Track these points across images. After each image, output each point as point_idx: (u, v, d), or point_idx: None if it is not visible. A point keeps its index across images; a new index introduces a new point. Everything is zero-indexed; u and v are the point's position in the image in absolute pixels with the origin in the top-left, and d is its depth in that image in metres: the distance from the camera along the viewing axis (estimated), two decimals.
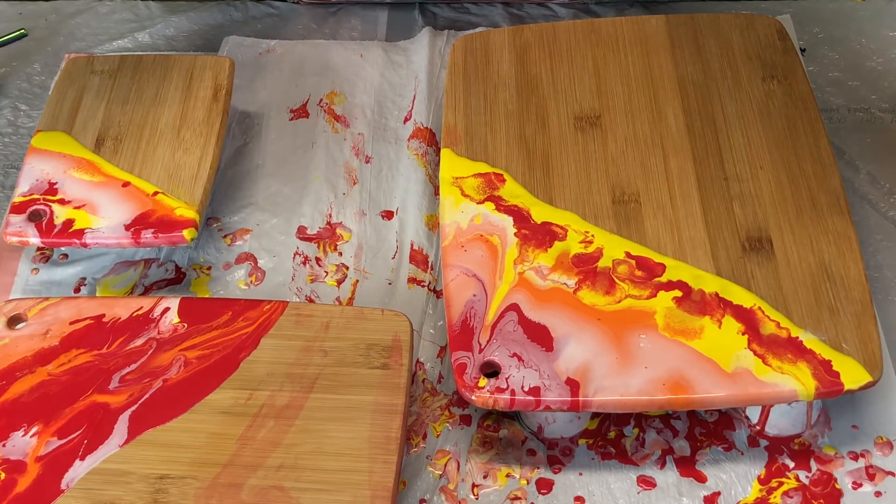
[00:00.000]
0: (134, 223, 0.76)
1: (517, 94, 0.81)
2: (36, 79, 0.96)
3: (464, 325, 0.67)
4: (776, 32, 0.83)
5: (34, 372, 0.67)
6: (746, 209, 0.72)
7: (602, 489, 0.66)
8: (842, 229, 0.70)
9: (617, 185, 0.75)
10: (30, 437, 0.64)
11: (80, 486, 0.62)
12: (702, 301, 0.67)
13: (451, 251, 0.72)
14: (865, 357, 0.64)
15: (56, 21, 1.01)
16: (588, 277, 0.69)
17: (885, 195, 0.82)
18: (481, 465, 0.68)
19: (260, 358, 0.67)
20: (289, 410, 0.65)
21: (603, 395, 0.63)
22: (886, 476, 0.66)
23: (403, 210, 0.83)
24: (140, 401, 0.66)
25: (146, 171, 0.79)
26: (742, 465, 0.67)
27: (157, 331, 0.69)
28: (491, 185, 0.75)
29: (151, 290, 0.79)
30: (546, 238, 0.71)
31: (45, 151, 0.81)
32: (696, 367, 0.64)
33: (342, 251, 0.80)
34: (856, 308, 0.66)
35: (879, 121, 0.87)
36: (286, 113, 0.91)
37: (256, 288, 0.79)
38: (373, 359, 0.67)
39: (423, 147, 0.87)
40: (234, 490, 0.61)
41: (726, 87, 0.80)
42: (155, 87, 0.86)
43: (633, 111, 0.79)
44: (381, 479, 0.61)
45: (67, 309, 0.71)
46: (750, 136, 0.76)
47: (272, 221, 0.83)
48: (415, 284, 0.78)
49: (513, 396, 0.64)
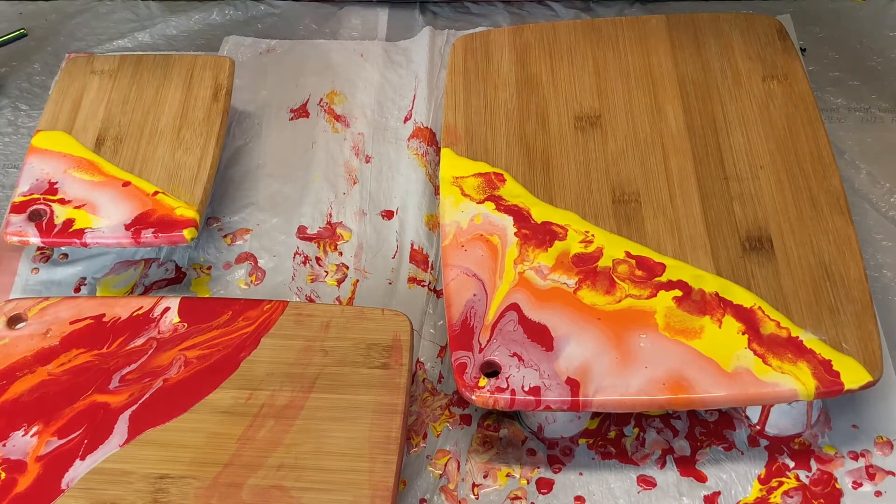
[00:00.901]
0: (134, 223, 0.76)
1: (517, 94, 0.81)
2: (36, 79, 0.96)
3: (464, 324, 0.67)
4: (776, 32, 0.83)
5: (34, 372, 0.67)
6: (746, 209, 0.72)
7: (602, 489, 0.66)
8: (842, 229, 0.70)
9: (617, 184, 0.75)
10: (30, 437, 0.64)
11: (81, 486, 0.62)
12: (702, 301, 0.67)
13: (451, 251, 0.72)
14: (865, 357, 0.64)
15: (56, 21, 1.01)
16: (588, 277, 0.69)
17: (885, 195, 0.82)
18: (481, 465, 0.68)
19: (260, 358, 0.67)
20: (289, 410, 0.65)
21: (603, 395, 0.63)
22: (886, 476, 0.66)
23: (403, 210, 0.83)
24: (140, 400, 0.66)
25: (146, 171, 0.79)
26: (742, 464, 0.67)
27: (158, 330, 0.69)
28: (491, 184, 0.75)
29: (151, 289, 0.79)
30: (546, 238, 0.71)
31: (45, 151, 0.81)
32: (696, 367, 0.64)
33: (342, 251, 0.80)
34: (856, 308, 0.66)
35: (879, 121, 0.87)
36: (286, 113, 0.91)
37: (256, 288, 0.79)
38: (373, 358, 0.67)
39: (423, 147, 0.87)
40: (235, 490, 0.61)
41: (726, 86, 0.80)
42: (155, 87, 0.86)
43: (633, 111, 0.79)
44: (381, 478, 0.61)
45: (67, 309, 0.71)
46: (750, 136, 0.76)
47: (272, 221, 0.83)
48: (415, 284, 0.78)
49: (513, 396, 0.64)
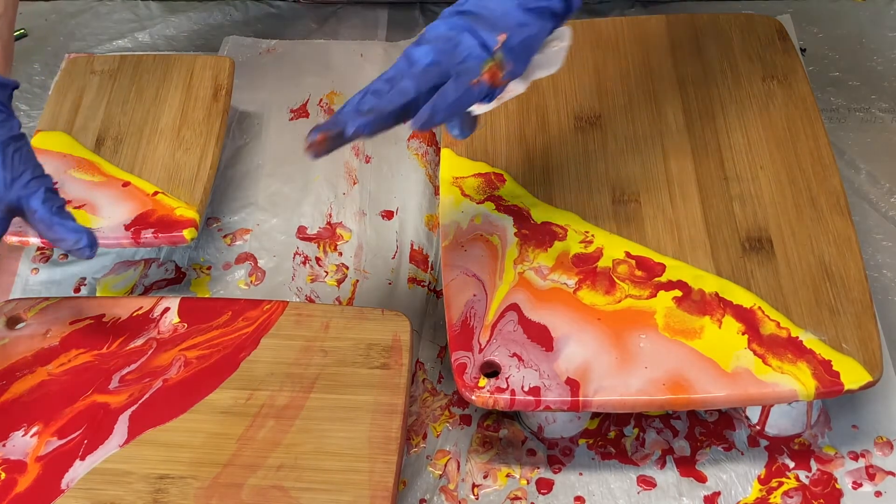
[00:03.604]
0: (134, 223, 0.76)
1: None
2: (36, 79, 0.96)
3: (464, 325, 0.67)
4: (776, 32, 0.83)
5: (34, 372, 0.67)
6: (746, 209, 0.72)
7: (602, 489, 0.66)
8: (842, 229, 0.70)
9: (617, 185, 0.75)
10: (30, 437, 0.64)
11: (80, 486, 0.62)
12: (702, 301, 0.67)
13: (451, 251, 0.72)
14: (865, 357, 0.64)
15: (56, 21, 1.01)
16: (588, 277, 0.69)
17: (885, 195, 0.82)
18: (481, 465, 0.68)
19: (260, 358, 0.67)
20: (289, 410, 0.65)
21: (603, 395, 0.63)
22: (886, 476, 0.66)
23: (403, 210, 0.83)
24: (140, 401, 0.66)
25: (146, 171, 0.79)
26: (742, 465, 0.67)
27: (157, 331, 0.69)
28: (491, 185, 0.75)
29: (151, 290, 0.79)
30: (546, 238, 0.71)
31: (45, 151, 0.81)
32: (696, 367, 0.64)
33: (342, 251, 0.81)
34: (856, 308, 0.66)
35: (879, 121, 0.87)
36: (286, 113, 0.91)
37: (256, 288, 0.79)
38: (373, 359, 0.67)
39: (423, 147, 0.87)
40: (234, 490, 0.61)
41: (726, 87, 0.80)
42: (155, 87, 0.86)
43: (633, 111, 0.79)
44: (381, 479, 0.61)
45: (67, 309, 0.71)
46: (750, 136, 0.76)
47: (272, 221, 0.83)
48: (415, 284, 0.78)
49: (513, 396, 0.64)
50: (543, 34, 0.63)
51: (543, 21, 0.62)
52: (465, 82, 0.61)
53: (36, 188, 0.64)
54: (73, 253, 0.64)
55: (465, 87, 0.61)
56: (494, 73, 0.61)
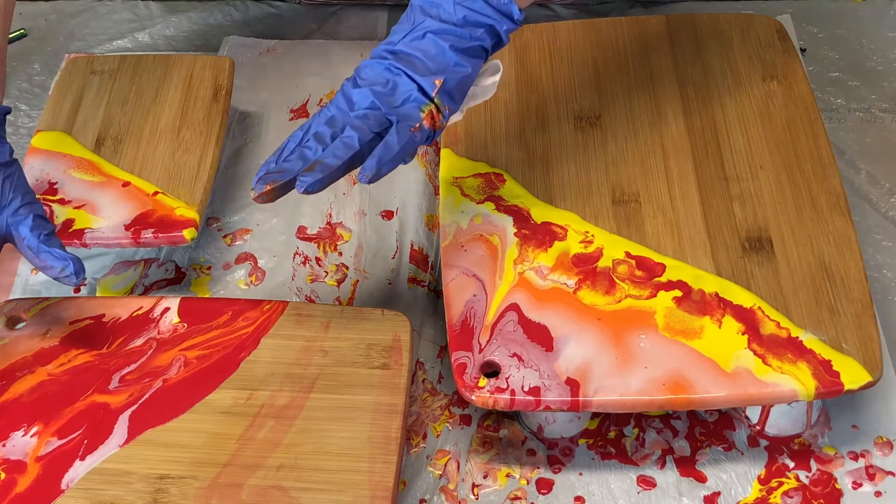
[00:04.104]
0: (134, 223, 0.76)
1: (517, 94, 0.81)
2: (36, 79, 0.96)
3: (464, 325, 0.67)
4: (776, 32, 0.83)
5: (34, 372, 0.67)
6: (746, 209, 0.72)
7: (602, 489, 0.66)
8: (842, 229, 0.70)
9: (617, 185, 0.75)
10: (30, 437, 0.64)
11: (80, 486, 0.62)
12: (702, 301, 0.67)
13: (451, 251, 0.72)
14: (865, 357, 0.64)
15: (56, 21, 1.01)
16: (588, 277, 0.69)
17: (885, 195, 0.82)
18: (481, 465, 0.68)
19: (260, 358, 0.67)
20: (289, 410, 0.65)
21: (603, 395, 0.63)
22: (886, 476, 0.66)
23: (403, 210, 0.83)
24: (140, 401, 0.66)
25: (146, 171, 0.79)
26: (742, 465, 0.67)
27: (157, 331, 0.69)
28: (491, 184, 0.75)
29: (151, 290, 0.79)
30: (546, 238, 0.71)
31: (45, 151, 0.81)
32: (696, 367, 0.64)
33: (342, 251, 0.81)
34: (856, 308, 0.66)
35: (879, 121, 0.87)
36: (286, 113, 0.91)
37: (256, 288, 0.79)
38: (373, 359, 0.67)
39: (423, 147, 0.87)
40: (234, 490, 0.61)
41: (726, 87, 0.80)
42: (155, 87, 0.86)
43: (633, 111, 0.79)
44: (381, 479, 0.61)
45: (67, 309, 0.71)
46: (750, 136, 0.76)
47: (272, 221, 0.83)
48: (415, 284, 0.78)
49: (513, 396, 0.64)
50: (476, 71, 0.64)
51: (477, 59, 0.64)
52: (406, 129, 0.62)
53: (25, 215, 0.64)
54: (60, 280, 0.65)
55: (408, 134, 0.62)
56: (434, 116, 0.63)
